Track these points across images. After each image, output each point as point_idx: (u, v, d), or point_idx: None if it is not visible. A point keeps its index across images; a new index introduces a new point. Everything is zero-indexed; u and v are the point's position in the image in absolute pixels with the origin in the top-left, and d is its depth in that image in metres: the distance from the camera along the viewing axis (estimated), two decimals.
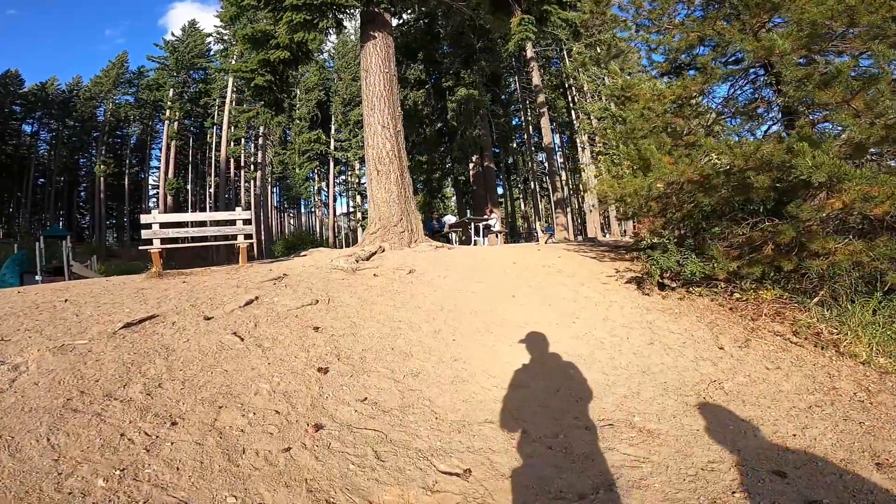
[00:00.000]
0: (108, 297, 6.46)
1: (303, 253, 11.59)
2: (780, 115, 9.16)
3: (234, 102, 46.09)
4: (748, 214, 7.15)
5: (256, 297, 6.10)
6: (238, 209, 9.55)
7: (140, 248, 9.49)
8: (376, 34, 12.68)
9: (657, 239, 7.27)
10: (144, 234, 8.77)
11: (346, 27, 14.74)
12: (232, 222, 9.60)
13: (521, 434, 3.44)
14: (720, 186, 6.94)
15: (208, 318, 5.25)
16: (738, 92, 10.14)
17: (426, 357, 4.69)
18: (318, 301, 6.16)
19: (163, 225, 9.02)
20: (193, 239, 10.62)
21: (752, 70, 9.48)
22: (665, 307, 6.55)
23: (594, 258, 10.37)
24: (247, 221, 9.55)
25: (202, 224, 10.15)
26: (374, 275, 7.65)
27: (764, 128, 9.42)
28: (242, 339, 4.70)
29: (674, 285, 7.13)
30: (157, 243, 8.73)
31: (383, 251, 9.83)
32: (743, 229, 6.94)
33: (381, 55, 12.47)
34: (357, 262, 8.21)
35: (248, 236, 9.45)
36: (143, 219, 8.90)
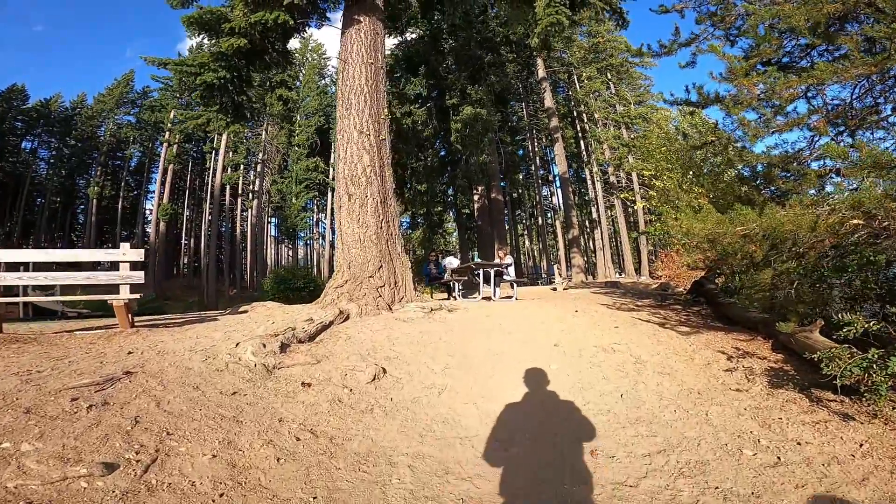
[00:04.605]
0: None
1: (242, 308, 7.81)
2: None
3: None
4: None
5: None
6: (125, 246, 5.72)
7: None
8: (362, 18, 9.16)
9: (874, 325, 3.51)
10: None
11: (328, 18, 11.28)
12: (112, 266, 5.85)
13: None
14: None
15: None
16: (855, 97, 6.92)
17: None
18: None
19: None
20: (41, 288, 6.73)
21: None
22: None
23: (659, 324, 6.81)
24: (136, 265, 5.76)
25: (64, 267, 6.18)
26: (305, 383, 3.82)
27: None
28: None
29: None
30: None
31: (346, 319, 5.99)
32: None
33: (366, 42, 8.91)
34: (283, 347, 4.36)
35: (135, 287, 5.68)
36: None
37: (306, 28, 11.47)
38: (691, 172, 8.94)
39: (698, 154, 8.87)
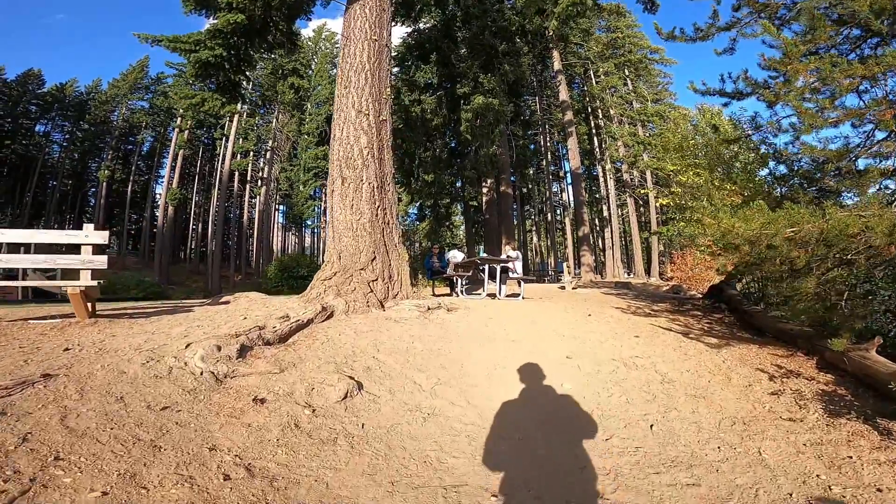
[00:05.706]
0: None
1: (224, 299, 7.10)
2: None
3: (245, 114, 42.35)
4: None
5: None
6: (88, 227, 5.01)
7: None
8: None
9: None
10: None
11: None
12: (69, 247, 5.15)
13: None
14: None
15: None
16: None
17: None
18: None
19: None
20: (41, 271, 6.09)
21: None
22: None
23: (683, 333, 6.06)
24: (99, 248, 5.05)
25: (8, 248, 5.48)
26: (258, 398, 3.08)
27: None
28: None
29: None
30: None
31: (329, 316, 5.24)
32: None
33: (371, 18, 8.10)
34: (243, 350, 3.63)
35: (96, 273, 4.96)
36: None
37: (311, 7, 10.71)
38: (720, 169, 8.09)
39: (727, 150, 8.03)
